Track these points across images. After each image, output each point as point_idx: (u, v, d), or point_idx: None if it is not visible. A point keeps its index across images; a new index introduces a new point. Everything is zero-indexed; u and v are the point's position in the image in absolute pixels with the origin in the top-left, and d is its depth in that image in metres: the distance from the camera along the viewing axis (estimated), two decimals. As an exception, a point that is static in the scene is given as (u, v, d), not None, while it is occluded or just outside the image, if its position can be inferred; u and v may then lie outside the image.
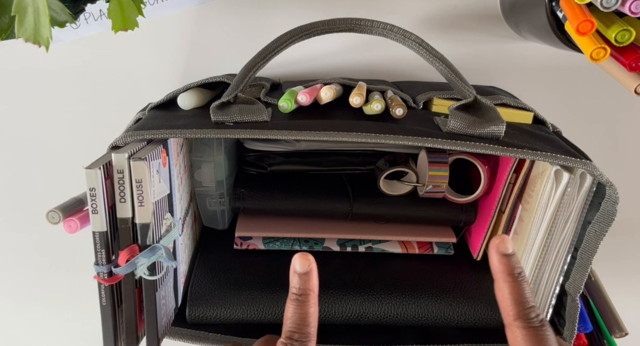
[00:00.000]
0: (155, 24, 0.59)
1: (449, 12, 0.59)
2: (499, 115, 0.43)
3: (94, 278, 0.40)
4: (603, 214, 0.43)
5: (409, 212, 0.55)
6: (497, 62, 0.61)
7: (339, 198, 0.55)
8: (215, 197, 0.56)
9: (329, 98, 0.47)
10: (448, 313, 0.50)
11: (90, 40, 0.60)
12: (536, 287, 0.49)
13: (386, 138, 0.40)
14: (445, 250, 0.56)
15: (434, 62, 0.45)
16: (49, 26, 0.38)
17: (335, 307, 0.50)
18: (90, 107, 0.63)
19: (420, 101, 0.50)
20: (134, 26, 0.43)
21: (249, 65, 0.45)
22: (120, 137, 0.42)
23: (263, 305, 0.49)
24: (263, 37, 0.58)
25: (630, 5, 0.40)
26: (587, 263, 0.45)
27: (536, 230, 0.47)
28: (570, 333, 0.47)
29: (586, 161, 0.41)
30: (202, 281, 0.51)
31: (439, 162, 0.52)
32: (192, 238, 0.56)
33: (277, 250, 0.56)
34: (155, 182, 0.41)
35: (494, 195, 0.51)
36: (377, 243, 0.56)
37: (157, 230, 0.41)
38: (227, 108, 0.43)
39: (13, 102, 0.63)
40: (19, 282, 0.72)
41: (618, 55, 0.43)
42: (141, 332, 0.43)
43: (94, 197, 0.38)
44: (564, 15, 0.44)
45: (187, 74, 0.61)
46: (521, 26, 0.55)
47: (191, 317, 0.49)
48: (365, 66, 0.61)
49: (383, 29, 0.45)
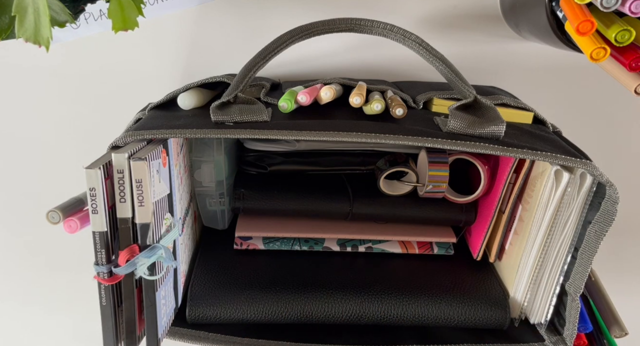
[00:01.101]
0: (155, 24, 0.59)
1: (449, 12, 0.59)
2: (499, 115, 0.43)
3: (94, 278, 0.40)
4: (603, 214, 0.43)
5: (409, 212, 0.55)
6: (497, 62, 0.61)
7: (339, 198, 0.55)
8: (215, 197, 0.56)
9: (329, 98, 0.47)
10: (448, 313, 0.50)
11: (90, 40, 0.60)
12: (536, 287, 0.49)
13: (386, 138, 0.40)
14: (445, 250, 0.56)
15: (434, 62, 0.45)
16: (49, 26, 0.38)
17: (335, 307, 0.50)
18: (90, 107, 0.63)
19: (420, 101, 0.50)
20: (134, 26, 0.43)
21: (249, 65, 0.45)
22: (120, 137, 0.42)
23: (263, 305, 0.49)
24: (263, 37, 0.58)
25: (630, 5, 0.40)
26: (587, 263, 0.45)
27: (536, 230, 0.47)
28: (570, 333, 0.47)
29: (586, 161, 0.41)
30: (202, 281, 0.51)
31: (439, 162, 0.52)
32: (192, 238, 0.56)
33: (277, 250, 0.56)
34: (155, 182, 0.41)
35: (494, 195, 0.51)
36: (377, 243, 0.56)
37: (157, 230, 0.41)
38: (227, 108, 0.43)
39: (13, 102, 0.63)
40: (19, 282, 0.72)
41: (618, 55, 0.43)
42: (141, 332, 0.43)
43: (94, 197, 0.38)
44: (564, 15, 0.44)
45: (187, 74, 0.61)
46: (521, 26, 0.55)
47: (191, 317, 0.49)
48: (365, 66, 0.61)
49: (383, 29, 0.45)
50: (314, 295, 0.50)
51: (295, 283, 0.51)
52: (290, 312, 0.49)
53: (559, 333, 0.49)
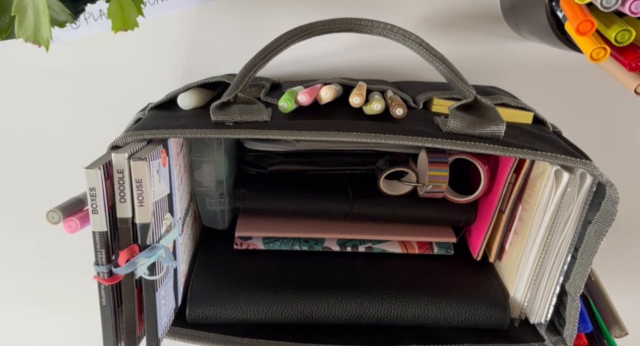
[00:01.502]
0: (155, 24, 0.59)
1: (449, 12, 0.59)
2: (499, 115, 0.43)
3: (94, 278, 0.40)
4: (603, 214, 0.43)
5: (409, 212, 0.55)
6: (497, 62, 0.61)
7: (339, 198, 0.55)
8: (215, 197, 0.56)
9: (329, 98, 0.47)
10: (448, 313, 0.50)
11: (90, 40, 0.60)
12: (536, 287, 0.49)
13: (386, 138, 0.40)
14: (445, 250, 0.56)
15: (434, 62, 0.45)
16: (49, 26, 0.38)
17: (335, 307, 0.50)
18: (90, 107, 0.63)
19: (420, 101, 0.50)
20: (134, 26, 0.43)
21: (249, 65, 0.45)
22: (120, 137, 0.42)
23: (263, 305, 0.49)
24: (263, 37, 0.58)
25: (630, 5, 0.40)
26: (587, 263, 0.45)
27: (536, 230, 0.47)
28: (570, 333, 0.47)
29: (586, 161, 0.41)
30: (202, 281, 0.51)
31: (439, 162, 0.52)
32: (192, 238, 0.56)
33: (277, 250, 0.56)
34: (155, 182, 0.41)
35: (494, 195, 0.51)
36: (377, 243, 0.56)
37: (157, 230, 0.41)
38: (227, 108, 0.43)
39: (13, 102, 0.63)
40: (18, 282, 0.72)
41: (618, 55, 0.43)
42: (141, 332, 0.43)
43: (94, 197, 0.38)
44: (564, 15, 0.44)
45: (187, 74, 0.61)
46: (521, 26, 0.55)
47: (191, 317, 0.49)
48: (365, 66, 0.61)
49: (383, 29, 0.45)
50: (314, 295, 0.50)
51: (295, 283, 0.51)
52: (290, 312, 0.49)
53: (559, 333, 0.49)
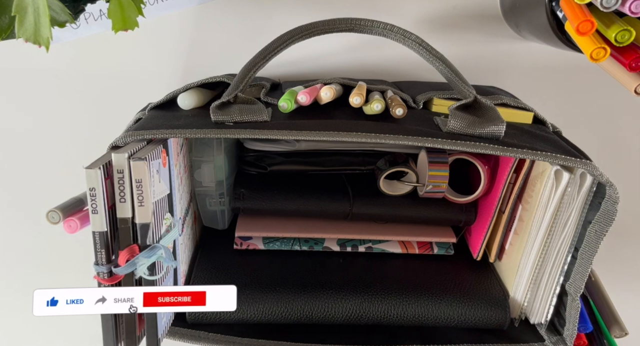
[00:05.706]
0: (155, 24, 0.59)
1: (449, 12, 0.59)
2: (499, 115, 0.43)
3: (94, 278, 0.40)
4: (603, 214, 0.43)
5: (409, 212, 0.55)
6: (497, 62, 0.61)
7: (339, 198, 0.55)
8: (215, 197, 0.56)
9: (329, 98, 0.47)
10: (448, 313, 0.50)
11: (90, 40, 0.60)
12: (536, 287, 0.49)
13: (386, 138, 0.40)
14: (445, 250, 0.56)
15: (434, 62, 0.45)
16: (49, 26, 0.38)
17: (335, 307, 0.50)
18: (90, 106, 0.63)
19: (420, 101, 0.50)
20: (134, 26, 0.43)
21: (249, 65, 0.45)
22: (120, 137, 0.42)
23: (263, 305, 0.49)
24: (263, 36, 0.57)
25: (631, 5, 0.40)
26: (587, 263, 0.45)
27: (536, 230, 0.47)
28: (570, 333, 0.47)
29: (586, 161, 0.41)
30: (202, 281, 0.51)
31: (439, 162, 0.52)
32: (192, 238, 0.56)
33: (277, 250, 0.56)
34: (155, 182, 0.41)
35: (494, 195, 0.51)
36: (377, 243, 0.56)
37: (157, 230, 0.41)
38: (227, 108, 0.43)
39: (13, 102, 0.63)
40: (18, 282, 0.72)
41: (618, 55, 0.43)
42: (141, 332, 0.43)
43: (94, 197, 0.38)
44: (564, 15, 0.44)
45: (187, 74, 0.61)
46: (521, 26, 0.55)
47: (191, 317, 0.49)
48: (365, 66, 0.61)
49: (383, 29, 0.45)
50: (313, 295, 0.50)
51: (295, 283, 0.51)
52: (290, 312, 0.49)
53: (559, 333, 0.49)
